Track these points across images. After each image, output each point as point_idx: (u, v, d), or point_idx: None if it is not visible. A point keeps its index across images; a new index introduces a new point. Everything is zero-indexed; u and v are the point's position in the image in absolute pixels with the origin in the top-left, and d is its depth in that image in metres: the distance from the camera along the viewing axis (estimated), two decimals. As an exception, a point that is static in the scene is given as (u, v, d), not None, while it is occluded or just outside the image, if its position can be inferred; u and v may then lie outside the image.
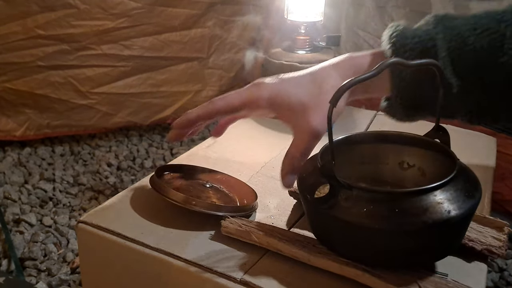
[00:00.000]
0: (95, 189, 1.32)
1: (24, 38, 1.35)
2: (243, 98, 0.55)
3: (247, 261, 0.49)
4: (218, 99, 0.56)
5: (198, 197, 0.57)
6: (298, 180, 0.51)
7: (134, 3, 1.40)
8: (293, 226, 0.56)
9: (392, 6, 1.28)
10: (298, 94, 0.54)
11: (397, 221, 0.42)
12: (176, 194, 0.54)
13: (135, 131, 1.63)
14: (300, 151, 0.53)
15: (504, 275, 1.07)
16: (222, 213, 0.53)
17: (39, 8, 1.33)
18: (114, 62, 1.46)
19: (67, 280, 0.99)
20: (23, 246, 1.09)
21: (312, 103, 0.54)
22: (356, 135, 0.55)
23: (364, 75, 0.44)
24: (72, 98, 1.46)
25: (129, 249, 0.52)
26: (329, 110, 0.44)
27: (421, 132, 0.54)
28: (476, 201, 0.45)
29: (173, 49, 1.52)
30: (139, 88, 1.53)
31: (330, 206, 0.44)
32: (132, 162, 1.46)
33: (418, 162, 0.54)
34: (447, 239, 0.46)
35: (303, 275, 0.48)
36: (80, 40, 1.39)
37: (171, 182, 0.60)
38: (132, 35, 1.45)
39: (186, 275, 0.49)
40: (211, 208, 0.54)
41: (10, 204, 1.24)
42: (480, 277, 0.49)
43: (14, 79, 1.40)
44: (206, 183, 0.61)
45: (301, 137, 0.53)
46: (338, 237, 0.47)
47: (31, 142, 1.52)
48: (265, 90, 0.55)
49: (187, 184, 0.60)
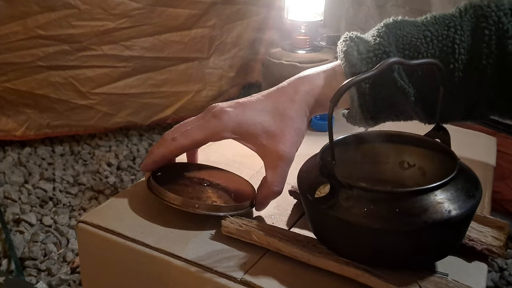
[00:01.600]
0: (95, 189, 1.32)
1: (25, 38, 1.35)
2: (207, 133, 0.54)
3: (247, 261, 0.49)
4: (181, 137, 0.55)
5: (199, 198, 0.56)
6: (298, 180, 0.51)
7: (135, 4, 1.40)
8: (293, 226, 0.56)
9: (392, 5, 1.29)
10: (263, 123, 0.54)
11: (397, 221, 0.42)
12: (176, 198, 0.54)
13: (135, 131, 1.63)
14: (276, 179, 0.54)
15: (504, 275, 1.07)
16: (223, 213, 0.53)
17: (39, 8, 1.33)
18: (114, 62, 1.46)
19: (67, 280, 0.99)
20: (23, 246, 1.09)
21: (278, 130, 0.54)
22: (356, 135, 0.55)
23: (364, 75, 0.44)
24: (72, 98, 1.46)
25: (129, 249, 0.52)
26: (330, 110, 0.44)
27: (421, 132, 0.54)
28: (476, 201, 0.45)
29: (174, 50, 1.52)
30: (139, 88, 1.53)
31: (330, 206, 0.44)
32: (132, 162, 1.46)
33: (418, 162, 0.54)
34: (447, 239, 0.46)
35: (303, 275, 0.48)
36: (80, 40, 1.39)
37: (168, 183, 0.59)
38: (133, 35, 1.45)
39: (186, 275, 0.49)
40: (212, 209, 0.54)
41: (10, 204, 1.24)
42: (480, 277, 0.49)
43: (14, 79, 1.40)
44: (204, 181, 0.61)
45: (273, 163, 0.54)
46: (338, 237, 0.47)
47: (31, 142, 1.52)
48: (228, 121, 0.54)
49: (185, 184, 0.60)
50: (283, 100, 0.55)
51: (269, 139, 0.54)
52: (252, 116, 0.54)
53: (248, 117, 0.54)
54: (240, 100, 0.56)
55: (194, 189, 0.59)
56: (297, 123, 0.55)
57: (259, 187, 0.56)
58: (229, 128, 0.54)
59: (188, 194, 0.56)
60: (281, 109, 0.54)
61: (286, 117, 0.54)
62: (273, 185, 0.54)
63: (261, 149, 0.55)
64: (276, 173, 0.54)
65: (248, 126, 0.54)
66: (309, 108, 0.56)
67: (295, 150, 0.55)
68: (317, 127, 0.82)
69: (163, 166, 0.59)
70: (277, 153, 0.53)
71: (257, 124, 0.54)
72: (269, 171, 0.54)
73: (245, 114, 0.54)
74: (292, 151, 0.54)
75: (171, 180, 0.59)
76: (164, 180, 0.58)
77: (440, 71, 0.49)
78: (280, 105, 0.55)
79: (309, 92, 0.55)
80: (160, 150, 0.56)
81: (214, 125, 0.54)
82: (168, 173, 0.60)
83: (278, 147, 0.53)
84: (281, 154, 0.53)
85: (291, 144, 0.54)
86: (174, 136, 0.55)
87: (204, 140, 0.55)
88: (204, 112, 0.56)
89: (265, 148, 0.54)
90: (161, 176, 0.58)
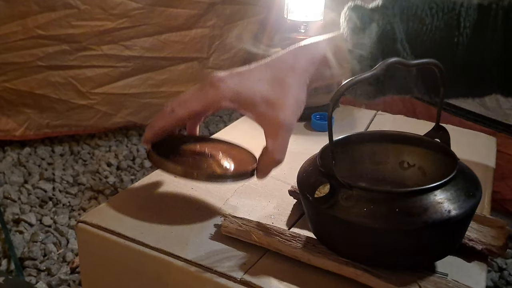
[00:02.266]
0: (95, 189, 1.32)
1: (24, 38, 1.35)
2: (205, 103, 0.53)
3: (247, 261, 0.49)
4: (179, 107, 0.54)
5: (199, 168, 0.55)
6: (298, 180, 0.51)
7: (135, 4, 1.40)
8: (293, 226, 0.56)
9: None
10: (261, 92, 0.53)
11: (397, 221, 0.42)
12: (176, 168, 0.53)
13: (135, 131, 1.63)
14: (277, 148, 0.53)
15: (504, 275, 1.07)
16: (223, 181, 0.52)
17: (39, 8, 1.33)
18: (114, 62, 1.46)
19: (67, 280, 0.99)
20: (23, 246, 1.09)
21: (277, 99, 0.52)
22: (356, 135, 0.55)
23: (364, 75, 0.44)
24: (72, 98, 1.46)
25: (129, 249, 0.52)
26: (330, 110, 0.44)
27: (421, 132, 0.54)
28: (476, 200, 0.45)
29: (174, 49, 1.52)
30: (139, 88, 1.53)
31: (330, 206, 0.44)
32: (131, 162, 1.46)
33: (418, 162, 0.54)
34: (447, 239, 0.46)
35: (303, 275, 0.48)
36: (80, 40, 1.39)
37: (168, 154, 0.57)
38: (133, 35, 1.45)
39: (186, 275, 0.49)
40: (212, 178, 0.53)
41: (10, 204, 1.24)
42: (480, 277, 0.49)
43: (14, 79, 1.40)
44: (205, 152, 0.60)
45: (274, 131, 0.52)
46: (338, 237, 0.47)
47: (31, 142, 1.52)
48: (225, 90, 0.52)
49: (185, 155, 0.59)
50: (283, 68, 0.54)
51: (268, 108, 0.52)
52: (250, 84, 0.53)
53: (246, 85, 0.53)
54: (239, 69, 0.54)
55: (195, 159, 0.58)
56: (297, 92, 0.53)
57: (260, 156, 0.55)
58: (227, 97, 0.52)
59: (188, 164, 0.55)
60: (281, 78, 0.53)
61: (286, 85, 0.53)
62: (274, 153, 0.53)
63: (260, 118, 0.53)
64: (277, 142, 0.53)
65: (246, 95, 0.52)
66: (309, 77, 0.54)
67: (295, 118, 0.53)
68: (317, 127, 0.82)
69: (164, 138, 0.58)
70: (277, 121, 0.52)
71: (255, 92, 0.52)
72: (269, 140, 0.53)
73: (243, 83, 0.53)
74: (292, 119, 0.53)
75: (171, 151, 0.58)
76: (165, 151, 0.57)
77: (440, 71, 0.49)
78: (280, 73, 0.53)
79: (309, 60, 0.54)
80: (159, 123, 0.55)
81: (212, 94, 0.53)
82: (169, 145, 0.58)
83: (278, 116, 0.52)
84: (281, 123, 0.52)
85: (291, 113, 0.52)
86: (173, 107, 0.54)
87: (203, 110, 0.54)
88: (202, 81, 0.54)
89: (265, 117, 0.53)
90: (161, 148, 0.57)
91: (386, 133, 0.55)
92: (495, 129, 1.18)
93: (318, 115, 0.83)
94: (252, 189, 0.63)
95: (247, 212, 0.58)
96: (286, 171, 0.67)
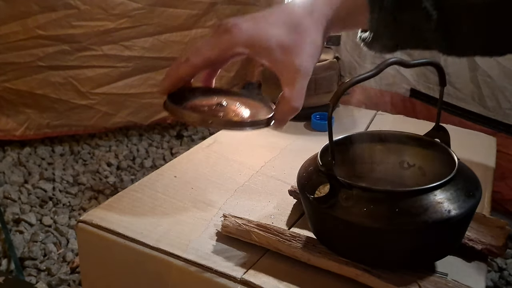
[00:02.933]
0: (95, 189, 1.32)
1: (24, 38, 1.35)
2: (219, 49, 0.51)
3: (247, 261, 0.49)
4: (193, 55, 0.52)
5: (215, 116, 0.54)
6: (298, 180, 0.51)
7: (135, 4, 1.40)
8: (293, 226, 0.56)
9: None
10: (277, 37, 0.50)
11: (397, 221, 0.42)
12: (191, 115, 0.52)
13: (135, 130, 1.63)
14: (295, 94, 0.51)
15: (503, 275, 1.07)
16: (238, 129, 0.52)
17: (39, 8, 1.33)
18: (114, 62, 1.46)
19: (67, 280, 0.99)
20: (23, 245, 1.09)
21: (293, 44, 0.50)
22: (356, 135, 0.55)
23: (364, 75, 0.44)
24: (72, 98, 1.46)
25: (129, 249, 0.52)
26: (330, 110, 0.44)
27: (421, 132, 0.54)
28: (476, 200, 0.45)
29: (174, 49, 1.52)
30: (139, 88, 1.53)
31: (330, 206, 0.44)
32: (132, 162, 1.46)
33: (418, 162, 0.54)
34: (447, 238, 0.46)
35: (303, 275, 0.48)
36: (80, 40, 1.39)
37: (184, 103, 0.57)
38: (133, 35, 1.45)
39: (186, 274, 0.49)
40: (228, 125, 0.53)
41: (10, 203, 1.24)
42: (480, 276, 0.49)
43: (14, 79, 1.40)
44: (221, 102, 0.58)
45: (291, 78, 0.51)
46: (338, 237, 0.47)
47: (31, 142, 1.52)
48: (239, 35, 0.50)
49: (201, 104, 0.58)
50: (299, 11, 0.51)
51: (284, 54, 0.50)
52: (265, 29, 0.51)
53: (261, 30, 0.50)
54: (254, 14, 0.53)
55: (211, 108, 0.57)
56: (314, 36, 0.51)
57: (277, 104, 0.53)
58: (241, 43, 0.50)
59: (204, 113, 0.55)
60: (296, 21, 0.51)
61: (302, 29, 0.51)
62: (292, 100, 0.51)
63: (276, 65, 0.51)
64: (294, 89, 0.51)
65: (261, 40, 0.50)
66: (326, 21, 0.52)
67: (313, 64, 0.52)
68: (317, 127, 0.82)
69: (180, 88, 0.57)
70: (294, 67, 0.50)
71: (270, 37, 0.50)
72: (286, 87, 0.51)
73: (257, 27, 0.51)
74: (309, 65, 0.51)
75: (187, 101, 0.58)
76: (180, 101, 0.56)
77: (440, 71, 0.49)
78: (295, 16, 0.51)
79: (327, 3, 0.52)
80: (174, 72, 0.54)
81: (226, 40, 0.51)
82: (185, 95, 0.58)
83: (294, 62, 0.50)
84: (298, 69, 0.50)
85: (307, 58, 0.51)
86: (187, 56, 0.53)
87: (218, 57, 0.52)
88: (215, 27, 0.53)
89: (281, 64, 0.51)
90: (177, 98, 0.56)
91: (386, 133, 0.55)
92: (495, 129, 1.17)
93: (318, 115, 0.83)
94: (252, 189, 0.63)
95: (247, 212, 0.58)
96: (286, 171, 0.67)
